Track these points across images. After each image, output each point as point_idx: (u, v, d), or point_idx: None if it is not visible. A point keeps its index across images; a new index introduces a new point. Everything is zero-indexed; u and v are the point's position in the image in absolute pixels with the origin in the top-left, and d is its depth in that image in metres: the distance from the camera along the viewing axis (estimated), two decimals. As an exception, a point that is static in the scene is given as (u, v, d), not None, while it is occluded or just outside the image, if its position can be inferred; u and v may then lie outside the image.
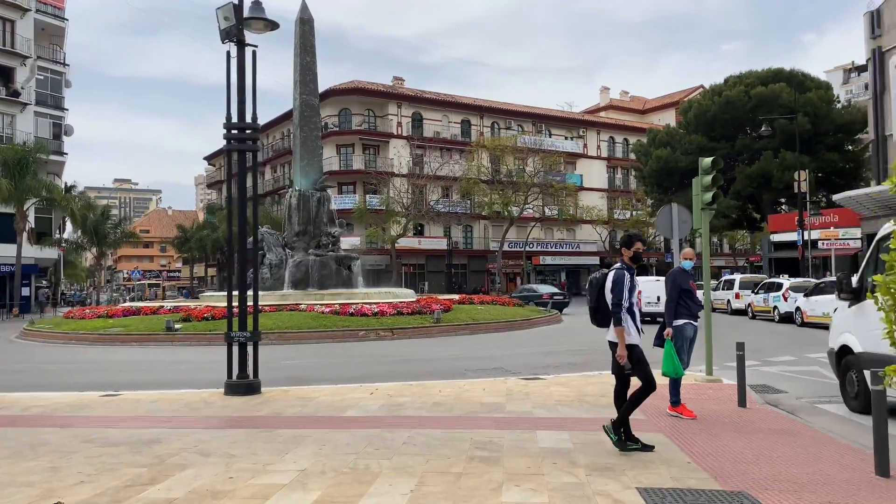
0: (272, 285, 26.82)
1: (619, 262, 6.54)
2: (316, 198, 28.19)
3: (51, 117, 47.26)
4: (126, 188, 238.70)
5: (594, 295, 6.53)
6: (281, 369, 13.70)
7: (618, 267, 6.46)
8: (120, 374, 13.50)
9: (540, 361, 14.51)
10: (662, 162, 46.88)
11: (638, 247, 6.55)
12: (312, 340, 19.36)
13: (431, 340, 19.68)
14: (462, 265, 57.85)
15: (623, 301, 6.26)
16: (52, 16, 47.51)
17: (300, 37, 28.79)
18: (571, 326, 24.97)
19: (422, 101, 57.52)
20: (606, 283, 6.41)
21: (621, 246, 6.72)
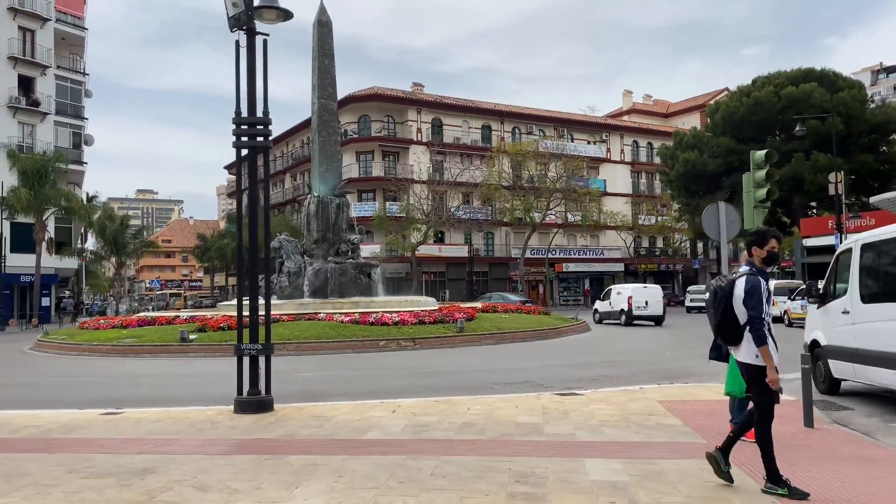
0: (291, 293, 26.14)
1: (748, 265, 5.27)
2: (335, 204, 27.46)
3: (70, 127, 47.20)
4: (148, 198, 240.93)
5: (719, 307, 5.29)
6: (297, 383, 12.88)
7: (747, 271, 5.21)
8: (127, 389, 12.76)
9: (572, 374, 13.55)
10: (689, 165, 45.65)
11: (773, 245, 5.35)
12: (331, 351, 18.55)
13: (455, 351, 18.79)
14: (483, 273, 56.86)
15: (764, 314, 5.10)
16: (72, 25, 47.51)
17: (318, 39, 28.15)
18: (600, 336, 23.95)
19: (441, 106, 56.79)
20: (736, 292, 5.18)
21: (752, 245, 5.39)
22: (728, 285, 5.28)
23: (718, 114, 45.74)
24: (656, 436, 7.30)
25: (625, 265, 62.53)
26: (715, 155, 45.25)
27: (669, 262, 64.81)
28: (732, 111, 44.45)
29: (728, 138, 44.67)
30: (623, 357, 16.71)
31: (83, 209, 39.63)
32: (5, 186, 38.07)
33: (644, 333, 25.01)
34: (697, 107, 72.60)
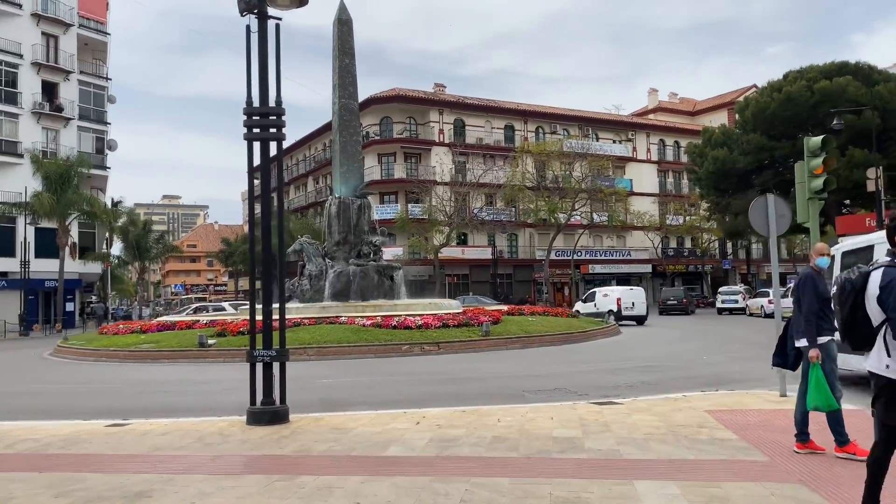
0: (312, 297, 25.61)
1: (890, 255, 4.32)
2: (356, 205, 26.89)
3: (94, 132, 47.32)
4: (174, 204, 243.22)
5: (848, 304, 4.37)
6: (316, 390, 12.26)
7: (887, 262, 4.27)
8: (139, 397, 12.22)
9: (607, 380, 12.75)
10: (719, 163, 44.43)
11: None
12: (353, 356, 17.93)
13: (480, 355, 18.05)
14: (507, 275, 56.04)
15: None
16: (95, 30, 47.65)
17: (338, 38, 27.63)
18: (632, 339, 23.06)
19: (464, 106, 56.09)
20: (869, 288, 4.25)
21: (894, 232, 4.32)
22: (860, 279, 4.36)
23: (748, 110, 44.45)
24: (711, 452, 6.52)
25: (652, 266, 61.30)
26: (745, 152, 43.98)
27: (698, 263, 63.38)
28: (763, 107, 43.13)
29: (759, 135, 43.38)
30: (659, 361, 15.85)
31: (106, 214, 39.54)
32: (29, 192, 38.15)
33: (677, 336, 24.07)
34: (725, 104, 71.10)
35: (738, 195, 46.21)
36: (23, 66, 42.95)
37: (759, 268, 68.16)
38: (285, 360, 8.63)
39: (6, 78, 42.37)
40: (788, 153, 43.08)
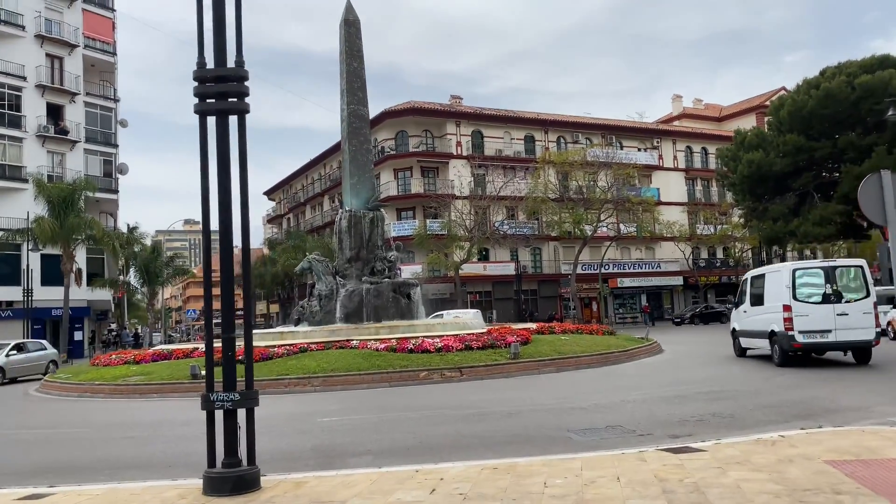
0: (322, 319, 23.51)
1: None
2: (368, 218, 24.81)
3: (101, 154, 45.99)
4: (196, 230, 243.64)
5: None
6: (313, 432, 10.06)
7: None
8: (98, 447, 10.09)
9: (670, 412, 10.39)
10: (754, 166, 41.83)
11: None
12: (363, 385, 15.71)
13: (510, 382, 15.74)
14: (532, 291, 53.60)
15: None
16: (101, 51, 46.49)
17: (345, 40, 25.77)
18: (677, 358, 20.58)
19: (481, 118, 54.09)
20: None
21: None
22: None
23: (784, 109, 41.89)
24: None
25: (683, 278, 58.52)
26: (782, 154, 41.39)
27: (731, 274, 60.39)
28: (800, 105, 40.56)
29: (796, 135, 40.77)
30: (721, 385, 13.43)
31: (109, 238, 37.87)
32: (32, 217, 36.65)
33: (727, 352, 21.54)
34: (752, 108, 68.49)
35: (776, 200, 43.54)
36: (27, 89, 41.77)
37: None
38: (253, 404, 6.45)
39: (9, 101, 41.17)
40: (829, 153, 40.52)
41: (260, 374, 16.35)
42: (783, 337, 15.78)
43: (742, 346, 18.98)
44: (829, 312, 15.52)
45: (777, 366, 16.00)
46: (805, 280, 15.99)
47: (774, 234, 42.68)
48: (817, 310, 15.55)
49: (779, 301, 16.08)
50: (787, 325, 15.61)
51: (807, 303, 15.65)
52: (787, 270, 16.26)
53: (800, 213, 41.59)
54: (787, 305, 15.71)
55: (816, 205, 41.01)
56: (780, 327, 15.89)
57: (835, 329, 15.45)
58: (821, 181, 43.15)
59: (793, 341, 15.52)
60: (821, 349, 16.24)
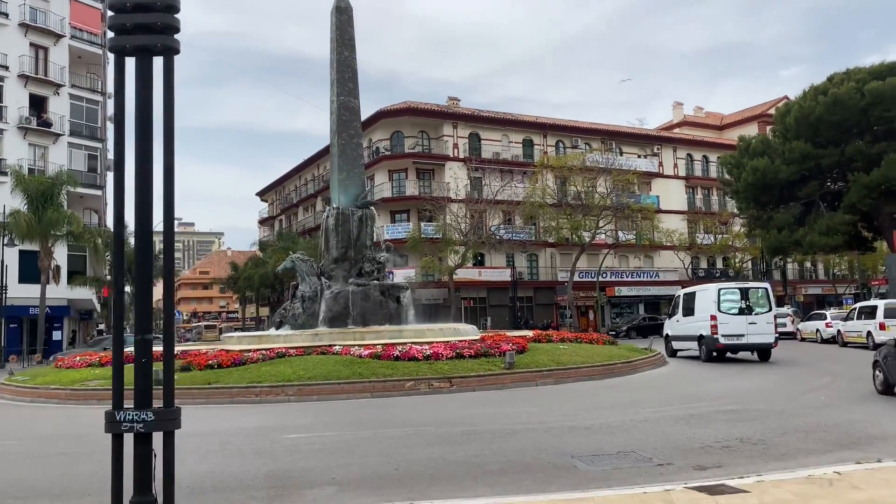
0: (305, 322, 22.04)
1: None
2: (357, 216, 23.38)
3: (86, 149, 44.48)
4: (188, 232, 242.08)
5: None
6: (271, 454, 8.61)
7: None
8: (13, 468, 8.61)
9: (688, 435, 8.98)
10: (759, 174, 40.47)
11: None
12: (342, 395, 14.26)
13: (504, 394, 14.32)
14: (528, 297, 52.12)
15: None
16: (89, 42, 45.04)
17: (336, 28, 24.41)
18: (685, 371, 19.19)
19: (479, 120, 52.72)
20: None
21: None
22: None
23: (790, 115, 40.59)
24: None
25: (682, 288, 57.04)
26: (788, 161, 40.05)
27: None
28: (807, 112, 39.27)
29: (802, 142, 39.45)
30: (739, 402, 12.04)
31: (89, 234, 36.31)
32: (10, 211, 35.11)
33: (736, 366, 20.16)
34: (754, 117, 67.39)
35: (780, 208, 42.25)
36: (9, 79, 40.27)
37: (795, 289, 63.78)
38: (172, 426, 4.99)
39: (-9, 91, 39.71)
40: (836, 161, 39.22)
41: (230, 381, 14.94)
42: (710, 339, 20.79)
43: (674, 348, 23.94)
44: (743, 321, 20.60)
45: (703, 361, 20.94)
46: (727, 297, 21.20)
47: (779, 244, 41.32)
48: (735, 319, 20.66)
49: (707, 312, 21.06)
50: (714, 331, 20.63)
51: (728, 314, 20.75)
52: (714, 289, 21.63)
53: (805, 223, 40.29)
54: (713, 315, 20.77)
55: (823, 214, 39.71)
56: (707, 332, 20.90)
57: (747, 334, 20.55)
58: (827, 190, 41.89)
59: (717, 342, 20.51)
60: (736, 349, 21.06)
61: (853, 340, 27.39)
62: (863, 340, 26.29)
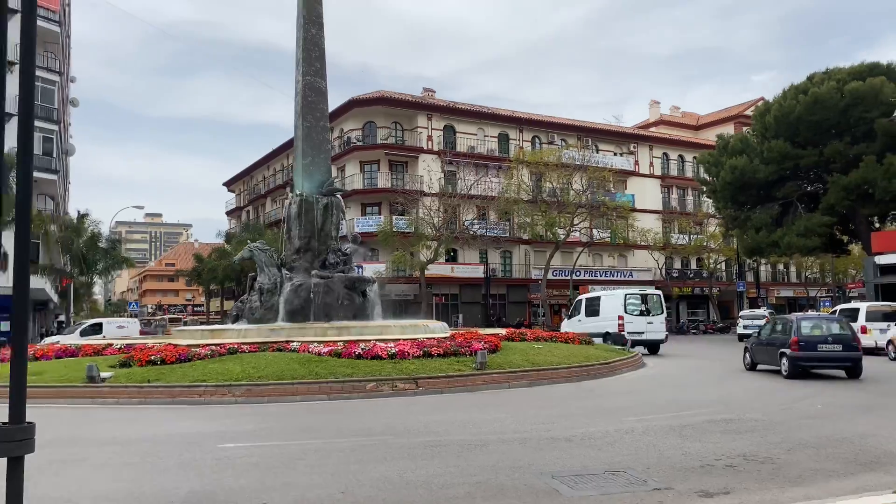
0: (263, 316, 20.61)
1: None
2: (322, 204, 21.96)
3: (41, 130, 42.12)
4: (156, 223, 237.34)
5: None
6: (198, 468, 7.25)
7: None
8: None
9: (685, 450, 7.83)
10: (738, 172, 39.84)
11: None
12: (296, 397, 12.92)
13: (474, 398, 13.10)
14: (501, 295, 51.05)
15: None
16: (45, 19, 42.68)
17: (304, 5, 22.96)
18: (666, 373, 18.17)
19: (454, 112, 51.43)
20: None
21: None
22: None
23: (770, 114, 40.01)
24: None
25: (656, 288, 56.33)
26: (766, 161, 39.48)
27: (704, 285, 58.67)
28: (787, 111, 38.69)
29: (782, 141, 38.88)
30: (731, 410, 10.95)
31: (39, 220, 34.26)
32: (-47, 193, 32.99)
33: (716, 369, 19.19)
34: (731, 117, 67.09)
35: (759, 208, 41.69)
36: (-44, 55, 37.99)
37: (768, 291, 63.63)
38: (20, 451, 3.63)
39: (-64, 67, 37.33)
40: (815, 162, 38.72)
41: (172, 379, 13.51)
42: (616, 336, 23.97)
43: None
44: (643, 321, 25.22)
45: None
46: (631, 301, 25.70)
47: (756, 245, 40.74)
48: (637, 319, 25.23)
49: (615, 313, 25.30)
50: (621, 328, 24.58)
51: (631, 315, 25.27)
52: (621, 294, 26.29)
53: (783, 224, 39.76)
54: (621, 316, 25.13)
55: (801, 215, 39.20)
56: (614, 329, 24.55)
57: (646, 332, 24.81)
58: (805, 191, 41.44)
59: (623, 339, 23.47)
60: (637, 344, 23.96)
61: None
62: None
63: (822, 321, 17.14)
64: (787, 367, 16.14)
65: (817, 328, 16.45)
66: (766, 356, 17.57)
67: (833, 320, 17.17)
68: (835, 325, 16.63)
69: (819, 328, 16.46)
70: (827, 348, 15.85)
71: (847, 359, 15.91)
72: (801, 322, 16.66)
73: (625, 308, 25.07)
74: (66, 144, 56.01)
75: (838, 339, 15.99)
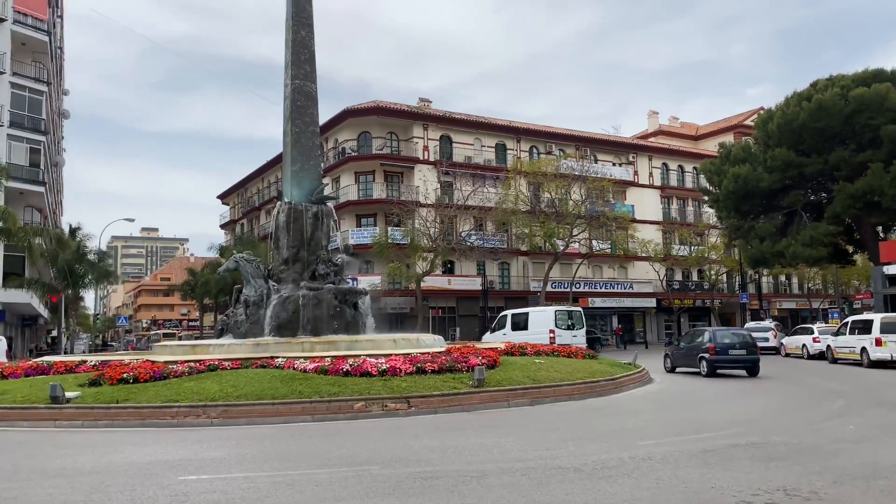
0: (249, 330, 19.52)
1: None
2: (312, 213, 20.94)
3: (28, 141, 41.15)
4: (152, 237, 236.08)
5: None
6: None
7: None
8: None
9: (716, 484, 6.76)
10: (741, 181, 38.94)
11: None
12: (276, 419, 11.84)
13: (472, 418, 12.04)
14: (499, 308, 49.72)
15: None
16: (33, 28, 41.87)
17: (293, 5, 22.06)
18: (674, 390, 17.10)
19: (451, 122, 50.54)
20: None
21: None
22: None
23: (773, 122, 39.17)
24: None
25: (657, 300, 55.50)
26: (770, 169, 38.61)
27: (706, 297, 57.59)
28: (790, 118, 37.87)
29: (785, 149, 38.01)
30: (756, 432, 9.88)
31: (23, 232, 33.15)
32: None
33: (729, 386, 18.13)
34: (731, 127, 66.35)
35: (762, 218, 40.81)
36: (-59, 64, 37.12)
37: (770, 303, 62.57)
38: None
39: (-81, 76, 36.45)
40: (820, 170, 37.86)
41: (143, 399, 12.44)
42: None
43: None
44: (569, 334, 27.84)
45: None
46: (560, 316, 28.74)
47: (760, 255, 39.77)
48: (565, 332, 27.82)
49: (546, 327, 27.79)
50: (552, 340, 26.31)
51: (560, 328, 28.01)
52: (551, 311, 29.30)
53: (788, 234, 38.82)
54: (552, 329, 27.66)
55: (806, 225, 38.28)
56: (546, 342, 24.93)
57: (571, 343, 25.09)
58: (810, 200, 40.56)
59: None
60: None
61: (845, 357, 25.68)
62: (856, 357, 24.57)
63: (729, 332, 21.51)
64: (705, 368, 20.42)
65: (727, 338, 20.78)
66: (685, 361, 22.03)
67: (738, 332, 21.90)
68: (739, 335, 21.26)
69: (728, 338, 20.77)
70: (735, 353, 20.12)
71: (749, 360, 20.09)
72: (717, 333, 20.97)
73: (555, 322, 28.14)
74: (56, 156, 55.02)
75: (744, 346, 20.39)
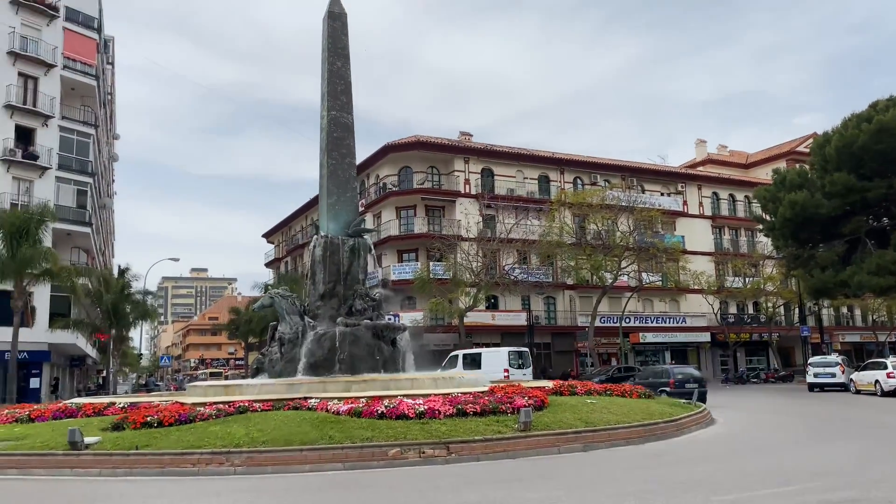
0: (283, 369, 18.72)
1: None
2: (348, 246, 20.21)
3: (75, 183, 41.86)
4: (202, 277, 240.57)
5: None
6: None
7: None
8: None
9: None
10: (798, 208, 37.02)
11: None
12: (305, 466, 10.85)
13: (517, 466, 10.85)
14: (545, 344, 48.36)
15: None
16: (82, 73, 42.89)
17: (329, 36, 21.72)
18: (740, 432, 15.55)
19: (492, 154, 49.87)
20: None
21: None
22: None
23: (831, 146, 37.30)
24: None
25: (711, 335, 53.11)
26: (829, 195, 36.63)
27: (763, 331, 54.91)
28: (849, 141, 35.99)
29: (845, 174, 36.05)
30: (850, 486, 8.48)
31: (65, 273, 33.32)
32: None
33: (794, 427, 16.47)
34: (783, 154, 64.10)
35: (822, 246, 38.68)
36: (-6, 109, 38.14)
37: (832, 335, 59.34)
38: None
39: (-26, 122, 37.48)
40: (883, 194, 35.75)
41: (164, 445, 11.58)
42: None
43: None
44: (521, 372, 30.00)
45: None
46: (512, 357, 31.09)
47: (822, 285, 37.58)
48: (516, 371, 30.10)
49: (500, 366, 29.83)
50: (506, 377, 27.61)
51: (512, 367, 30.25)
52: (505, 351, 31.98)
53: (851, 262, 36.61)
54: (506, 369, 29.89)
55: (871, 252, 36.04)
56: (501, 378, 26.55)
57: (521, 380, 25.03)
58: (874, 226, 38.32)
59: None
60: None
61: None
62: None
63: (684, 369, 27.90)
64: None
65: (682, 373, 26.09)
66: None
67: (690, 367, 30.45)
68: (690, 370, 27.79)
69: (683, 373, 26.12)
70: (690, 386, 23.99)
71: (700, 392, 22.42)
72: (674, 370, 26.79)
73: (508, 362, 30.46)
74: (104, 198, 56.09)
75: (695, 381, 24.92)
